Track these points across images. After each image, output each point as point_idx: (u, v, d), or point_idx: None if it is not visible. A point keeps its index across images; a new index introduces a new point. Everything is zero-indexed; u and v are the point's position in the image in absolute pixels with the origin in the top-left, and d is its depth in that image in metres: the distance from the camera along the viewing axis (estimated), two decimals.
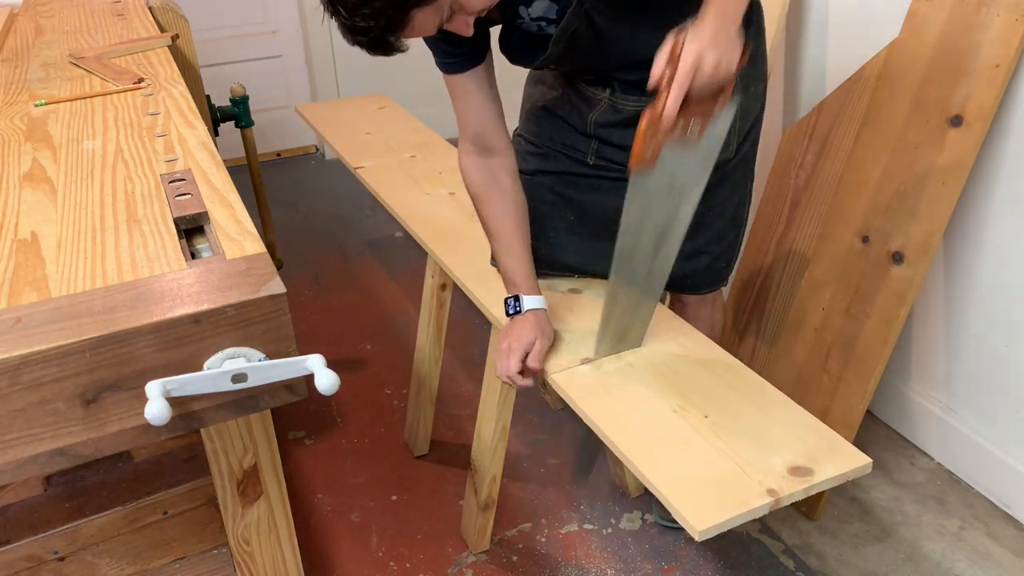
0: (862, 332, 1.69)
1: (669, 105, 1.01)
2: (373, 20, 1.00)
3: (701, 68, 1.00)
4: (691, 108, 1.05)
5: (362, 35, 1.03)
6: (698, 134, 1.09)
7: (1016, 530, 1.71)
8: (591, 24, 1.18)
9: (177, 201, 0.94)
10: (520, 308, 1.30)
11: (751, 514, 1.03)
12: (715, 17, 1.02)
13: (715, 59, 1.00)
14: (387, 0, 0.98)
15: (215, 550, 1.14)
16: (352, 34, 1.04)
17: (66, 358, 0.70)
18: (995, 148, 1.58)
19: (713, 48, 1.00)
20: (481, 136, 1.34)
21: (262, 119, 3.13)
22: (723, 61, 1.01)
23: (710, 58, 1.00)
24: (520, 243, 1.34)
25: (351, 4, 0.99)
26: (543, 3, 1.17)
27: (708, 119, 1.08)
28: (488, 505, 1.65)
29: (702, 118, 1.08)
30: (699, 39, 1.00)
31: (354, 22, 1.01)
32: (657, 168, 1.11)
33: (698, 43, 1.00)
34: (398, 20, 1.01)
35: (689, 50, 1.00)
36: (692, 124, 1.08)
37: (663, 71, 1.02)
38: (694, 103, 1.04)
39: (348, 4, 0.99)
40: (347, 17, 1.01)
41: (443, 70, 1.30)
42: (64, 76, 1.46)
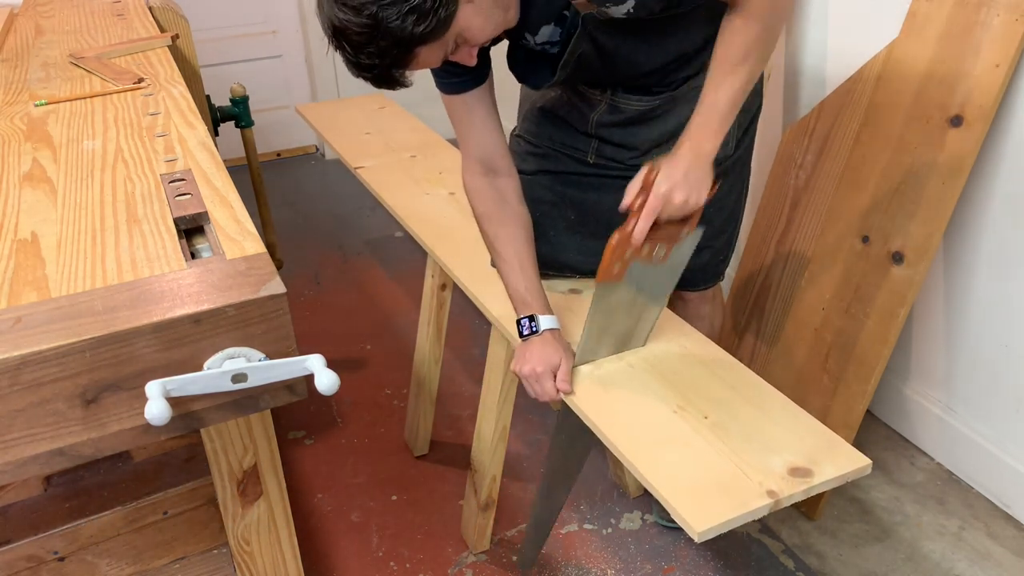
0: (862, 332, 1.69)
1: (638, 231, 1.11)
2: (378, 58, 1.00)
3: (670, 201, 1.09)
4: (659, 232, 1.15)
5: (367, 71, 1.04)
6: (664, 257, 1.19)
7: (1016, 530, 1.71)
8: (595, 45, 1.19)
9: (177, 201, 0.94)
10: (537, 328, 1.28)
11: (751, 515, 1.03)
12: (689, 154, 1.11)
13: (684, 195, 1.10)
14: (392, 39, 0.98)
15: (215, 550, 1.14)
16: (357, 70, 1.04)
17: (66, 358, 0.70)
18: (995, 148, 1.58)
19: (683, 184, 1.09)
20: (487, 157, 1.32)
21: (262, 119, 3.12)
22: (691, 197, 1.11)
23: (679, 194, 1.09)
24: (531, 264, 1.32)
25: (356, 42, 0.99)
26: (548, 29, 1.18)
27: (674, 243, 1.18)
28: (488, 505, 1.65)
29: (668, 243, 1.18)
30: (671, 175, 1.09)
31: (359, 60, 1.01)
32: (623, 283, 1.20)
33: (670, 179, 1.09)
34: (403, 57, 1.02)
35: (661, 183, 1.09)
36: (658, 248, 1.17)
37: (635, 196, 1.12)
38: (662, 228, 1.14)
39: (353, 42, 0.99)
40: (352, 55, 1.01)
41: (444, 91, 1.28)
42: (64, 76, 1.46)
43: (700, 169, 1.11)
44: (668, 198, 1.09)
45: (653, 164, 1.12)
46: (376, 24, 0.96)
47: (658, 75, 1.27)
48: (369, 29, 0.97)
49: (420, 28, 0.97)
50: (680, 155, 1.11)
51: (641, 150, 1.34)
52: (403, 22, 0.96)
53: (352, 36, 0.98)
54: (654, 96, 1.29)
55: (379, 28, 0.97)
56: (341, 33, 0.99)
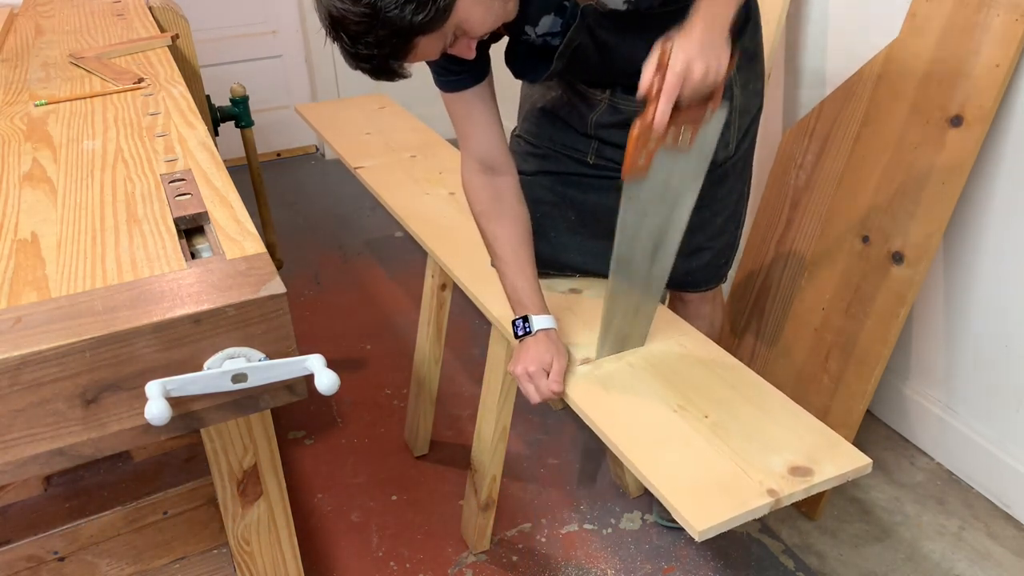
0: (862, 332, 1.69)
1: (659, 114, 1.02)
2: (376, 48, 0.99)
3: (689, 76, 1.00)
4: (681, 115, 1.05)
5: (365, 62, 1.03)
6: (690, 141, 1.10)
7: (1016, 530, 1.71)
8: (594, 38, 1.18)
9: (177, 201, 0.94)
10: (530, 329, 1.28)
11: (751, 514, 1.03)
12: (702, 24, 1.01)
13: (703, 67, 1.00)
14: (390, 29, 0.97)
15: (215, 550, 1.13)
16: (355, 60, 1.03)
17: (66, 358, 0.70)
18: (995, 148, 1.58)
19: (701, 56, 1.00)
20: (487, 156, 1.31)
21: (262, 119, 3.13)
22: (711, 68, 1.01)
23: (698, 66, 1.00)
24: (529, 264, 1.32)
25: (354, 32, 0.98)
26: (548, 19, 1.17)
27: (699, 125, 1.09)
28: (488, 505, 1.65)
29: (693, 124, 1.09)
30: (686, 48, 1.00)
31: (357, 50, 1.00)
32: (650, 175, 1.11)
33: (685, 52, 1.00)
34: (401, 48, 1.01)
35: (677, 59, 1.00)
36: (683, 131, 1.09)
37: (651, 80, 1.02)
38: (684, 110, 1.05)
39: (351, 32, 0.98)
40: (350, 45, 1.00)
41: (443, 89, 1.27)
42: (64, 76, 1.46)
43: (716, 37, 1.02)
44: (687, 73, 1.00)
45: (666, 39, 1.03)
46: (374, 13, 0.96)
47: None
48: (367, 18, 0.96)
49: (419, 17, 0.97)
50: (694, 26, 1.01)
51: None
52: (401, 11, 0.96)
53: (350, 26, 0.97)
54: None
55: (377, 17, 0.96)
56: (339, 23, 0.98)
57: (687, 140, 1.10)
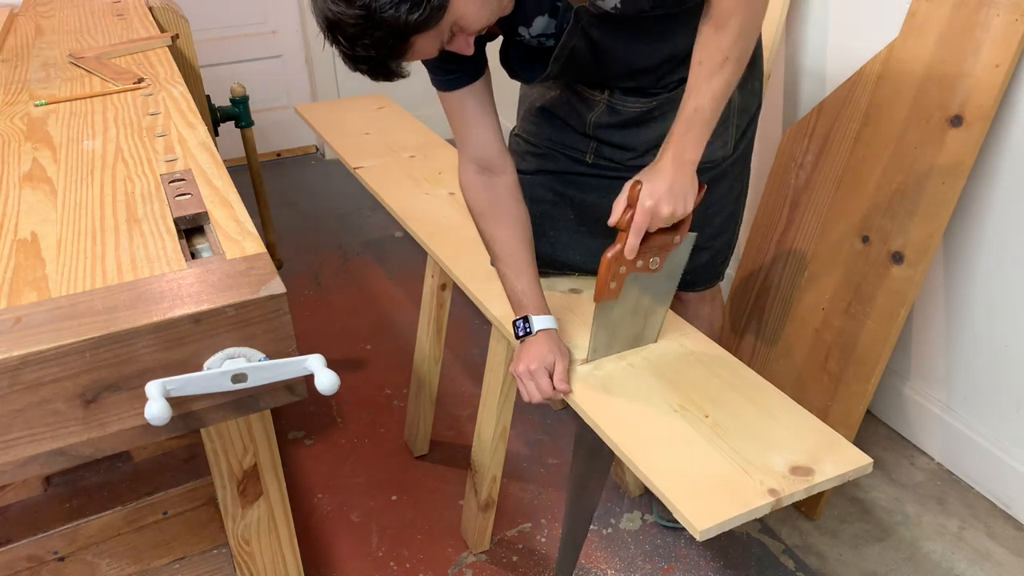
0: (862, 332, 1.69)
1: (628, 247, 1.13)
2: (374, 49, 1.00)
3: (657, 215, 1.11)
4: (651, 243, 1.16)
5: (363, 63, 1.03)
6: (659, 266, 1.20)
7: (1016, 530, 1.71)
8: (588, 40, 1.18)
9: (177, 201, 0.94)
10: (531, 329, 1.27)
11: (752, 514, 1.03)
12: (671, 164, 1.11)
13: (670, 208, 1.10)
14: (387, 29, 0.97)
15: (215, 550, 1.14)
16: (353, 63, 1.03)
17: (66, 358, 0.70)
18: (995, 148, 1.58)
19: (668, 198, 1.10)
20: (484, 156, 1.30)
21: (262, 119, 3.13)
22: (678, 209, 1.11)
23: (665, 207, 1.10)
24: (529, 265, 1.31)
25: (351, 34, 0.98)
26: (542, 20, 1.17)
27: (668, 252, 1.20)
28: (488, 505, 1.65)
29: (661, 252, 1.20)
30: (655, 190, 1.10)
31: (355, 51, 1.00)
32: (621, 297, 1.22)
33: (654, 195, 1.10)
34: (399, 48, 1.01)
35: (645, 200, 1.10)
36: (653, 259, 1.20)
37: (621, 214, 1.12)
38: (653, 237, 1.16)
39: (348, 34, 0.98)
40: (347, 47, 1.00)
41: (440, 88, 1.26)
42: (64, 76, 1.46)
43: (684, 178, 1.11)
44: (655, 212, 1.10)
45: (636, 179, 1.12)
46: (369, 15, 0.95)
47: (653, 75, 1.27)
48: (363, 20, 0.96)
49: (414, 16, 0.96)
50: (662, 167, 1.11)
51: (639, 151, 1.34)
52: (396, 11, 0.95)
53: (346, 28, 0.97)
54: (650, 98, 1.29)
55: (372, 18, 0.96)
56: (335, 26, 0.98)
57: (656, 265, 1.21)
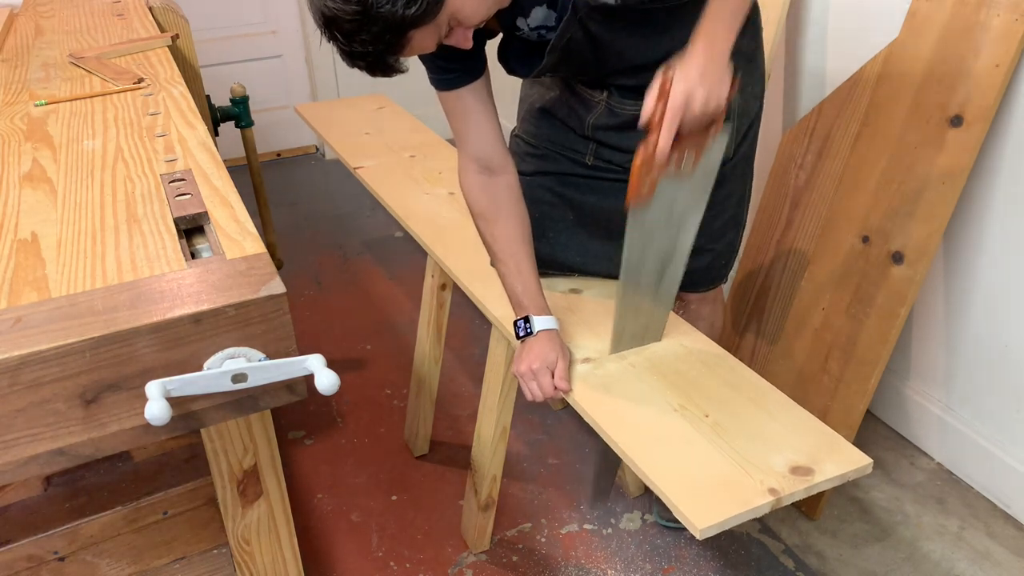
0: (862, 332, 1.69)
1: (662, 142, 1.03)
2: (371, 45, 0.99)
3: (691, 105, 1.01)
4: (683, 142, 1.06)
5: (361, 59, 1.03)
6: (692, 166, 1.11)
7: (1016, 530, 1.71)
8: (586, 32, 1.17)
9: (177, 201, 0.94)
10: (531, 330, 1.27)
11: (752, 513, 1.03)
12: (703, 51, 1.02)
13: (704, 95, 1.01)
14: (384, 24, 0.97)
15: (215, 550, 1.13)
16: (351, 59, 1.03)
17: (66, 358, 0.70)
18: (995, 148, 1.58)
19: (702, 84, 1.01)
20: (484, 155, 1.30)
21: (262, 119, 3.13)
22: (712, 96, 1.02)
23: (699, 94, 1.01)
24: (529, 265, 1.31)
25: (348, 30, 0.98)
26: (541, 11, 1.16)
27: (701, 151, 1.10)
28: (488, 505, 1.65)
29: (695, 150, 1.10)
30: (687, 76, 1.01)
31: (352, 47, 1.00)
32: (654, 202, 1.13)
33: (686, 81, 1.01)
34: (396, 43, 1.00)
35: (678, 88, 1.01)
36: (686, 157, 1.09)
37: (653, 108, 1.03)
38: (686, 137, 1.06)
39: (345, 30, 0.98)
40: (345, 43, 1.00)
41: (439, 87, 1.26)
42: (64, 76, 1.46)
43: (717, 66, 1.03)
44: (688, 103, 1.01)
45: (667, 68, 1.03)
46: (366, 10, 0.95)
47: (650, 74, 1.26)
48: (359, 16, 0.96)
49: (411, 11, 0.96)
50: (694, 54, 1.03)
51: None
52: (393, 6, 0.95)
53: (343, 24, 0.97)
54: None
55: (369, 14, 0.95)
56: (332, 22, 0.98)
57: (690, 165, 1.11)
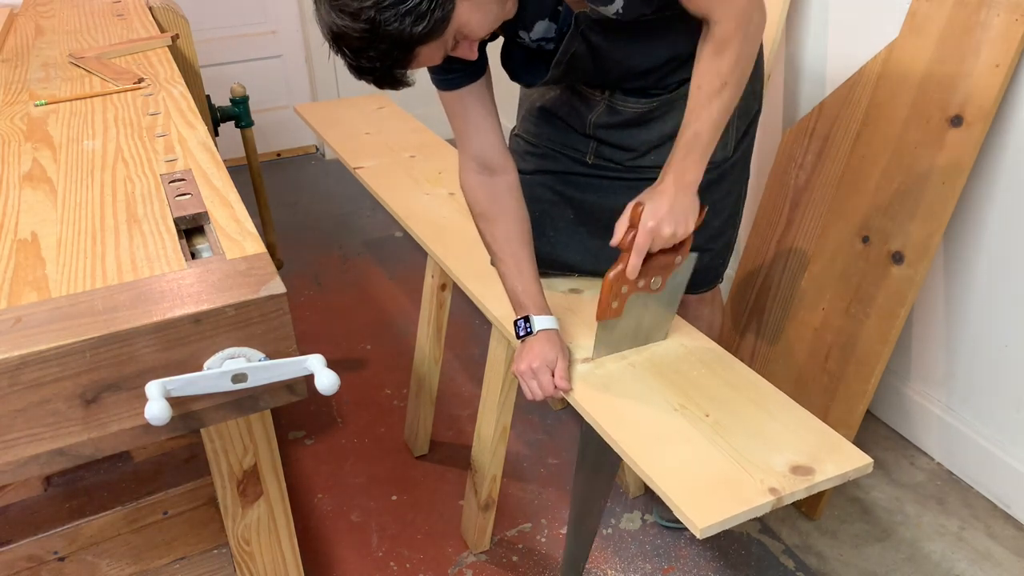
0: (862, 332, 1.69)
1: (631, 267, 1.15)
2: (379, 61, 1.00)
3: (659, 235, 1.13)
4: (652, 263, 1.18)
5: (368, 74, 1.03)
6: (661, 286, 1.23)
7: (1016, 530, 1.71)
8: (588, 45, 1.19)
9: (177, 201, 0.94)
10: (531, 329, 1.28)
11: (752, 512, 1.03)
12: (672, 186, 1.13)
13: (671, 228, 1.13)
14: (392, 42, 0.97)
15: (215, 550, 1.14)
16: (358, 73, 1.03)
17: (66, 358, 0.70)
18: (995, 148, 1.58)
19: (669, 219, 1.12)
20: (484, 155, 1.30)
21: (262, 119, 3.13)
22: (679, 230, 1.14)
23: (667, 228, 1.13)
24: (529, 264, 1.31)
25: (356, 47, 0.98)
26: (543, 24, 1.17)
27: (669, 273, 1.23)
28: (488, 505, 1.65)
29: (663, 272, 1.22)
30: (657, 211, 1.12)
31: (360, 63, 1.01)
32: (623, 316, 1.24)
33: (656, 216, 1.12)
34: (404, 58, 1.01)
35: (646, 222, 1.12)
36: (654, 279, 1.22)
37: (623, 234, 1.14)
38: (655, 257, 1.18)
39: (353, 47, 0.99)
40: (352, 59, 1.00)
41: (440, 87, 1.26)
42: (64, 76, 1.46)
43: (685, 199, 1.14)
44: (656, 233, 1.12)
45: (638, 201, 1.14)
46: (374, 28, 0.96)
47: (653, 77, 1.27)
48: (367, 33, 0.96)
49: (419, 28, 0.97)
50: (664, 189, 1.14)
51: (639, 151, 1.34)
52: (401, 24, 0.96)
53: (351, 41, 0.98)
54: (651, 98, 1.29)
55: (377, 32, 0.96)
56: (340, 38, 0.99)
57: (657, 285, 1.23)
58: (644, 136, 1.33)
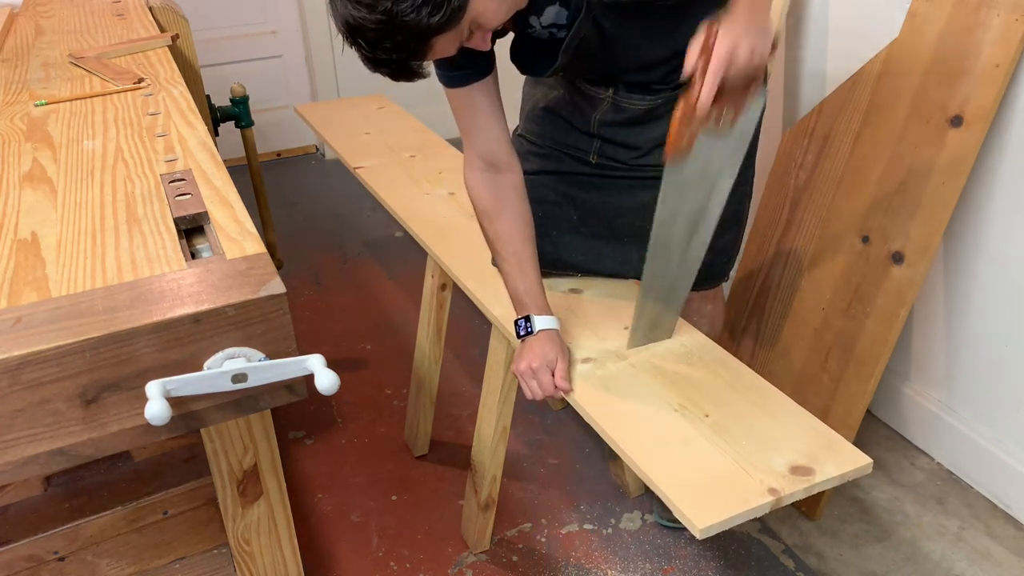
0: (862, 332, 1.69)
1: (704, 95, 1.02)
2: (395, 52, 1.00)
3: (735, 58, 1.01)
4: (724, 98, 1.06)
5: (384, 66, 1.03)
6: (731, 122, 1.11)
7: (1016, 530, 1.71)
8: (599, 30, 1.18)
9: (177, 201, 0.94)
10: (532, 329, 1.28)
11: (752, 512, 1.03)
12: (746, 8, 1.03)
13: (748, 49, 1.01)
14: (408, 33, 0.97)
15: (215, 550, 1.14)
16: (374, 65, 1.03)
17: (66, 358, 0.70)
18: (995, 148, 1.58)
19: (746, 39, 1.01)
20: (490, 153, 1.30)
21: (262, 119, 3.13)
22: (756, 51, 1.02)
23: (744, 48, 1.01)
24: (532, 264, 1.31)
25: (372, 39, 0.98)
26: (553, 9, 1.17)
27: (740, 109, 1.10)
28: (488, 505, 1.65)
29: (734, 108, 1.10)
30: (732, 30, 1.01)
31: (375, 55, 1.01)
32: (691, 158, 1.13)
33: (732, 35, 1.01)
34: (419, 49, 1.01)
35: (723, 41, 1.01)
36: (724, 114, 1.10)
37: (696, 61, 1.03)
38: (726, 92, 1.06)
39: (369, 39, 0.99)
40: (368, 50, 1.01)
41: (448, 84, 1.26)
42: (64, 76, 1.46)
43: (761, 21, 1.04)
44: (732, 55, 1.02)
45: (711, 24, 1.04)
46: (391, 19, 0.96)
47: (658, 72, 1.27)
48: (384, 25, 0.96)
49: (435, 19, 0.97)
50: (738, 10, 1.03)
51: (643, 149, 1.34)
52: (418, 15, 0.96)
53: (368, 33, 0.98)
54: (656, 95, 1.29)
55: (394, 23, 0.96)
56: (356, 30, 0.99)
57: (728, 123, 1.11)
58: (649, 133, 1.33)
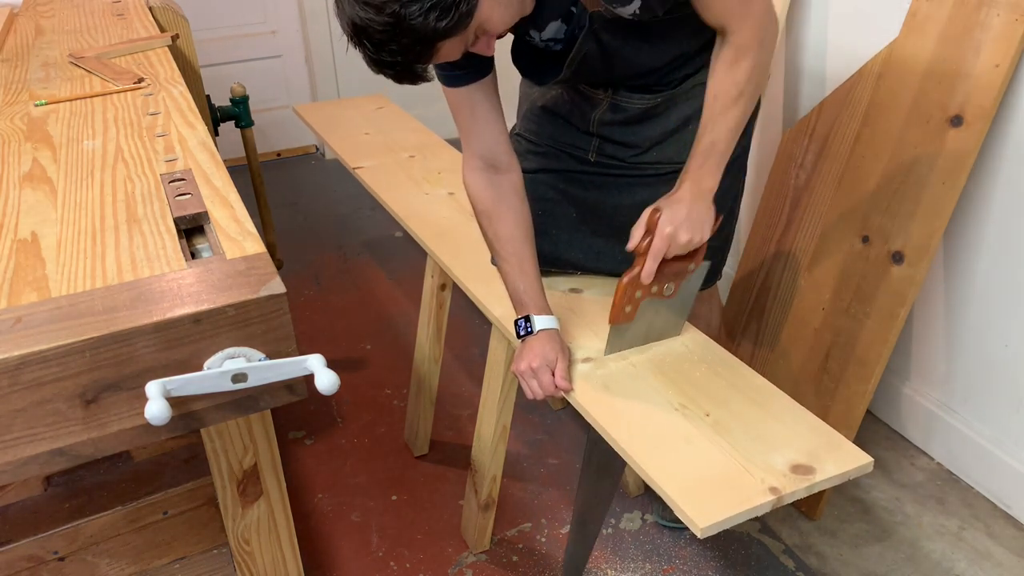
0: (862, 332, 1.69)
1: (646, 271, 1.16)
2: (400, 55, 1.00)
3: (675, 241, 1.14)
4: (666, 270, 1.19)
5: (389, 68, 1.03)
6: (674, 292, 1.25)
7: (1016, 530, 1.71)
8: (600, 44, 1.19)
9: (177, 201, 0.94)
10: (532, 329, 1.28)
11: (753, 512, 1.03)
12: (689, 193, 1.15)
13: (687, 235, 1.14)
14: (415, 36, 0.97)
15: (215, 550, 1.14)
16: (378, 67, 1.03)
17: (66, 358, 0.70)
18: (995, 148, 1.58)
19: (686, 225, 1.13)
20: (489, 153, 1.30)
21: (262, 119, 3.13)
22: (695, 237, 1.15)
23: (683, 234, 1.14)
24: (531, 264, 1.32)
25: (378, 40, 0.98)
26: (555, 25, 1.18)
27: (681, 279, 1.24)
28: (488, 505, 1.65)
29: (676, 279, 1.23)
30: (674, 217, 1.13)
31: (380, 56, 1.01)
32: (635, 320, 1.25)
33: (673, 221, 1.13)
34: (425, 53, 1.01)
35: (664, 226, 1.13)
36: (667, 285, 1.23)
37: (640, 239, 1.15)
38: (668, 264, 1.18)
39: (375, 40, 0.98)
40: (373, 52, 1.00)
41: (448, 84, 1.26)
42: (64, 76, 1.46)
43: (702, 207, 1.15)
44: (673, 239, 1.13)
45: (656, 207, 1.15)
46: (398, 22, 0.96)
47: (658, 74, 1.27)
48: (391, 27, 0.96)
49: (443, 23, 0.97)
50: (681, 195, 1.15)
51: (642, 148, 1.35)
52: (425, 19, 0.96)
53: (374, 34, 0.98)
54: (655, 94, 1.30)
55: (401, 25, 0.96)
56: (362, 31, 0.99)
57: (670, 291, 1.24)
58: (647, 132, 1.33)
